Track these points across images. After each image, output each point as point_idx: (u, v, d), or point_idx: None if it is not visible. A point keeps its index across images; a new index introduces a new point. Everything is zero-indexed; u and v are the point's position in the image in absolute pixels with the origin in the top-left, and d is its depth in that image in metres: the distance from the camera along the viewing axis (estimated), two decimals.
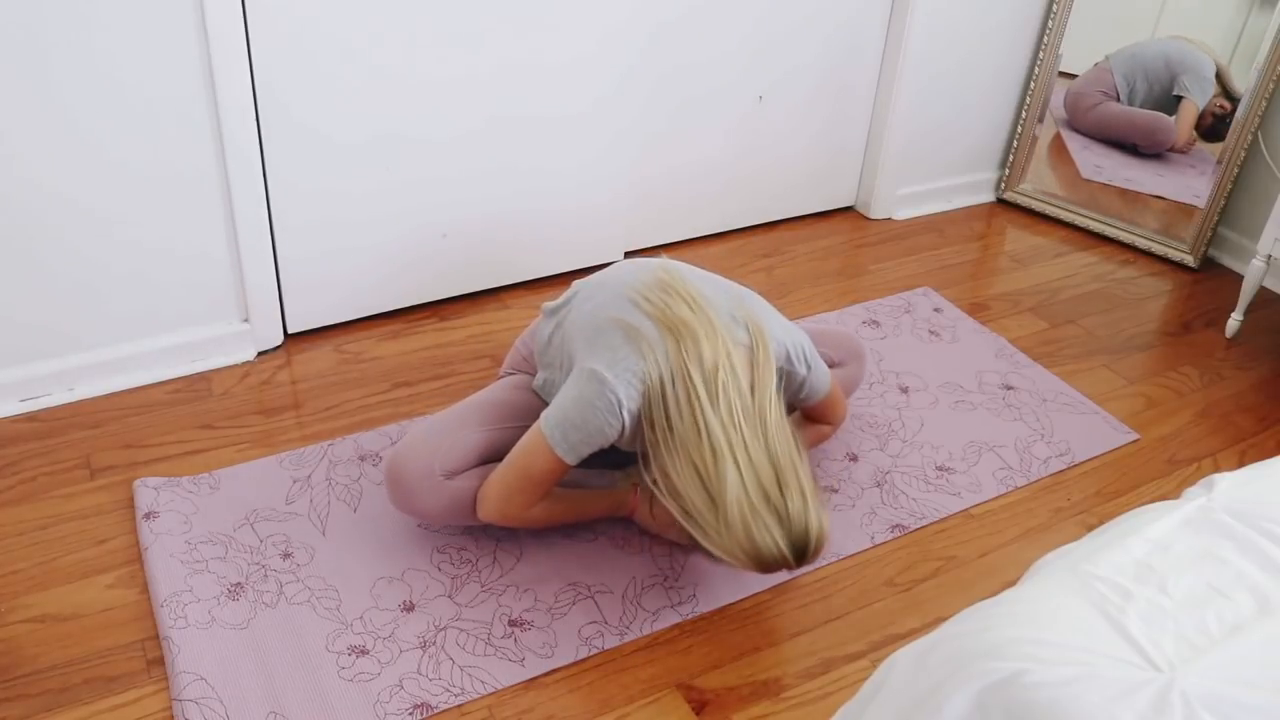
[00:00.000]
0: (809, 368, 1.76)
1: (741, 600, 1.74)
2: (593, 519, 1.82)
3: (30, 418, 2.03)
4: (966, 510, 1.96)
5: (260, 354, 2.24)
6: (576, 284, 1.84)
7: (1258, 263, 2.44)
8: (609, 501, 1.81)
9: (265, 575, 1.71)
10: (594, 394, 1.58)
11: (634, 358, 1.59)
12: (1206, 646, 1.04)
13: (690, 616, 1.70)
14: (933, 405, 2.22)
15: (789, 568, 1.52)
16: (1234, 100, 2.68)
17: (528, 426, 1.71)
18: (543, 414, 1.65)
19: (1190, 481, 1.95)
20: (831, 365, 2.01)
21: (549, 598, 1.71)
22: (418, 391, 2.16)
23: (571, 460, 1.62)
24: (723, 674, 1.61)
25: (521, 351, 1.92)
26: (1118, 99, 2.87)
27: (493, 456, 1.74)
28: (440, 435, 1.72)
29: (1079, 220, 2.97)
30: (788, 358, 1.73)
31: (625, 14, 2.33)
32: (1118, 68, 2.84)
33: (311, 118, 2.09)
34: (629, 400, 1.58)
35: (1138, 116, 2.86)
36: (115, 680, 1.54)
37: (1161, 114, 2.82)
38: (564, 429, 1.60)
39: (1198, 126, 2.78)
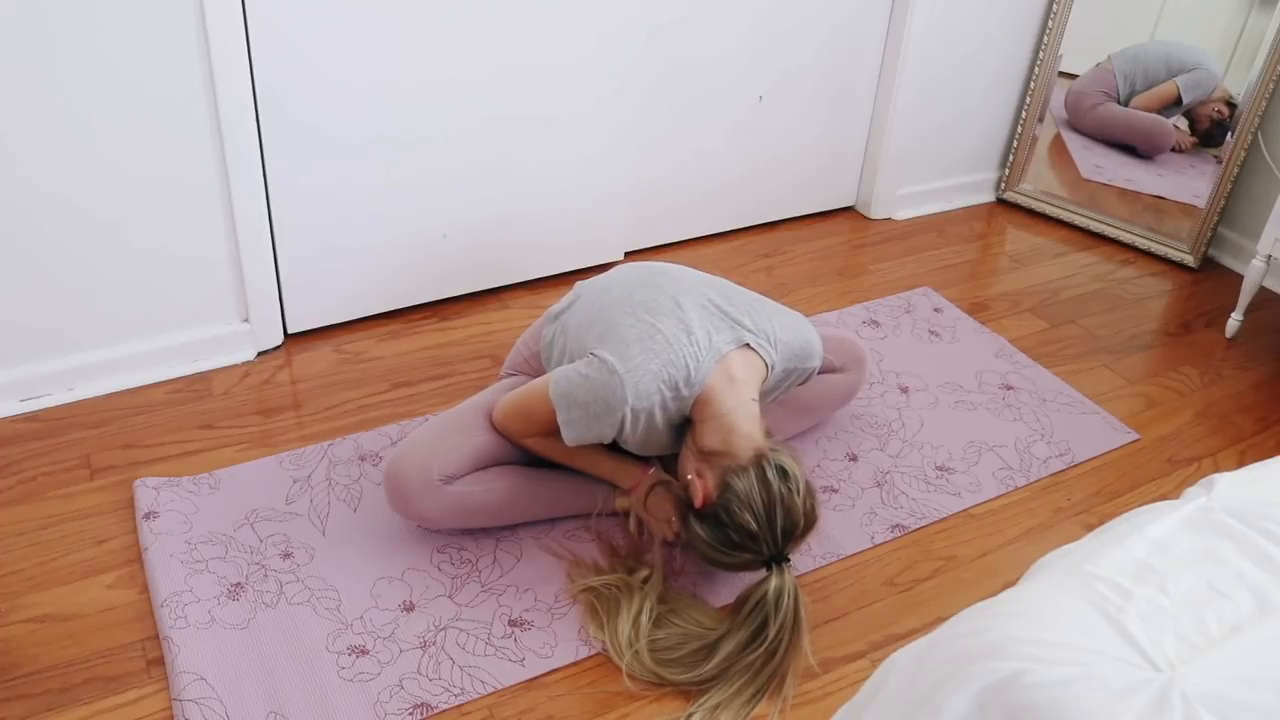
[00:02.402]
0: (819, 357, 1.82)
1: None
2: (589, 472, 1.81)
3: (30, 418, 2.03)
4: (966, 510, 1.96)
5: (260, 354, 2.24)
6: (579, 286, 1.85)
7: (1258, 263, 2.44)
8: (614, 466, 1.79)
9: (265, 575, 1.71)
10: (600, 383, 1.60)
11: (645, 356, 1.60)
12: (1206, 646, 1.04)
13: None
14: (933, 405, 2.22)
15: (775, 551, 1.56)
16: (1233, 106, 2.68)
17: None
18: (555, 372, 1.67)
19: (1190, 481, 1.95)
20: (832, 370, 2.02)
21: (549, 598, 1.71)
22: (418, 391, 2.16)
23: (568, 434, 1.64)
24: None
25: (523, 352, 1.92)
26: (1118, 99, 2.87)
27: (491, 460, 1.75)
28: (438, 440, 1.72)
29: (1079, 220, 2.97)
30: (798, 354, 1.77)
31: (625, 14, 2.33)
32: (1119, 67, 2.84)
33: (311, 118, 2.09)
34: (635, 399, 1.59)
35: (1135, 119, 2.86)
36: (115, 680, 1.54)
37: (1160, 117, 2.82)
38: (568, 401, 1.63)
39: (1195, 130, 2.78)
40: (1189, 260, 2.81)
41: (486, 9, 2.15)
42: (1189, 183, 2.81)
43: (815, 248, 2.80)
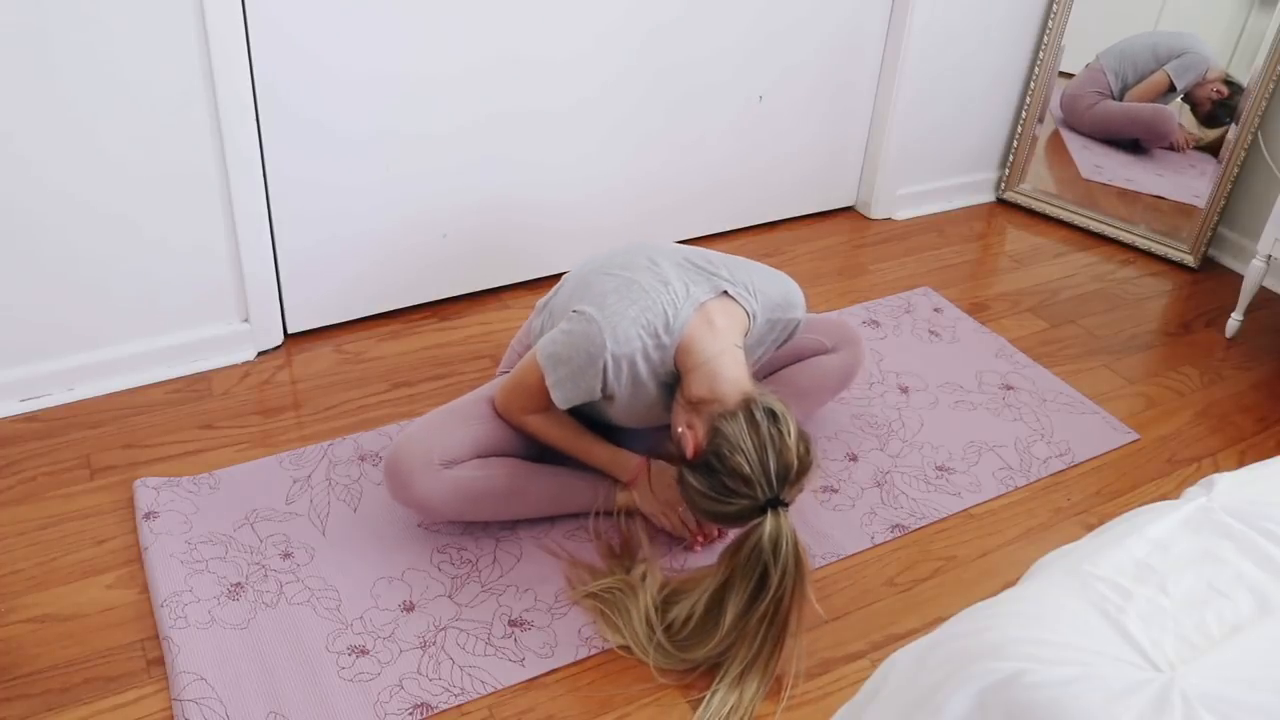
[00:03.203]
0: (802, 308, 1.83)
1: None
2: (588, 462, 1.81)
3: (30, 418, 2.03)
4: (966, 510, 1.96)
5: (260, 354, 2.24)
6: (564, 277, 1.87)
7: (1258, 263, 2.44)
8: (610, 455, 1.80)
9: (265, 575, 1.71)
10: (580, 333, 1.62)
11: (623, 304, 1.62)
12: (1206, 646, 1.04)
13: None
14: (933, 405, 2.22)
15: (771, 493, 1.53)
16: (1232, 85, 2.67)
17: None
18: (541, 339, 1.70)
19: (1190, 481, 1.95)
20: (825, 352, 2.01)
21: (549, 598, 1.71)
22: (418, 391, 2.16)
23: (557, 396, 1.66)
24: None
25: (517, 349, 1.93)
26: (1112, 96, 2.87)
27: (492, 450, 1.75)
28: (440, 427, 1.73)
29: (1079, 220, 2.97)
30: (779, 304, 1.78)
31: (624, 12, 2.33)
32: (1108, 65, 2.84)
33: (312, 119, 2.09)
34: (615, 344, 1.60)
35: (1135, 110, 2.85)
36: (115, 680, 1.54)
37: (1160, 105, 2.82)
38: (553, 361, 1.65)
39: (1196, 114, 2.78)
40: (1189, 260, 2.81)
41: (486, 6, 2.15)
42: (1189, 183, 2.81)
43: (815, 248, 2.80)
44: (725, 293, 1.69)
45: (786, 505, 1.53)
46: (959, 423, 2.17)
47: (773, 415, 1.53)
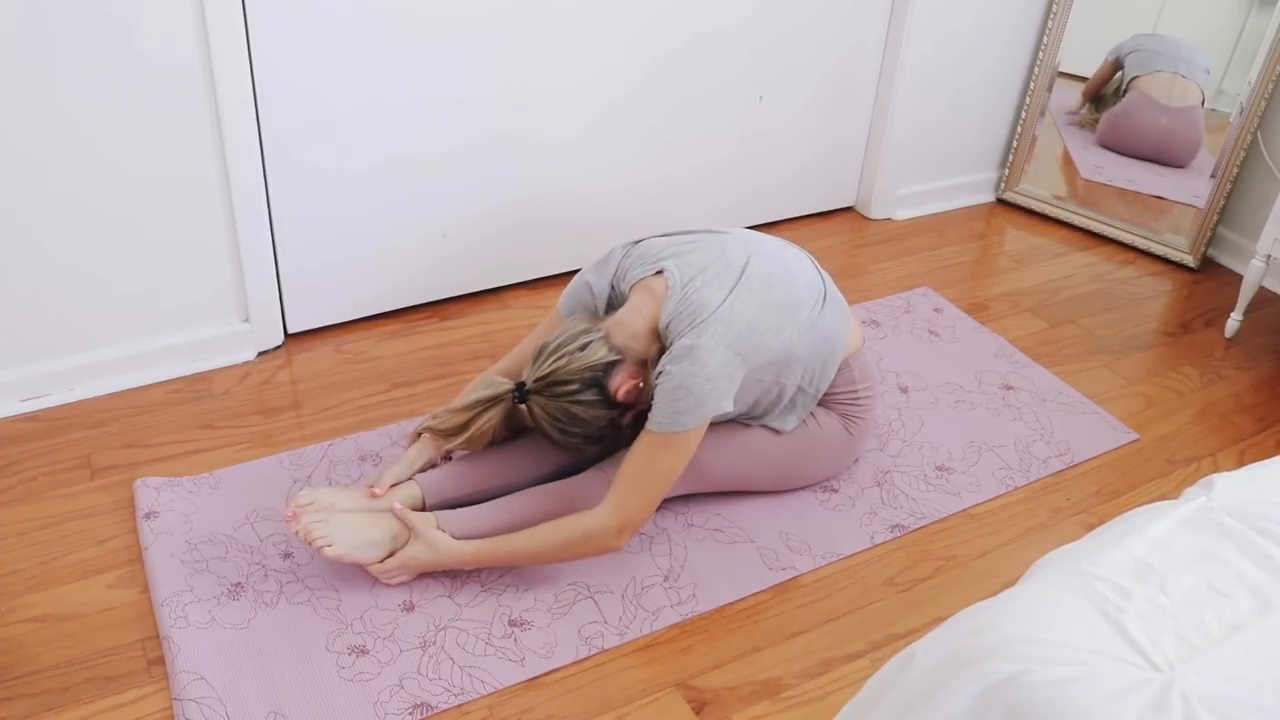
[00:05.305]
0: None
1: (741, 600, 1.74)
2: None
3: (31, 417, 2.03)
4: (966, 510, 1.96)
5: (260, 354, 2.25)
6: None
7: (1257, 263, 2.44)
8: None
9: (265, 575, 1.71)
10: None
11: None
12: (1206, 646, 1.04)
13: (690, 616, 1.70)
14: (933, 405, 2.22)
15: None
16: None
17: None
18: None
19: (1190, 481, 1.95)
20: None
21: (549, 598, 1.71)
22: (418, 391, 2.16)
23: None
24: (722, 674, 1.61)
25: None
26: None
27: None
28: None
29: (1079, 220, 2.97)
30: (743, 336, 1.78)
31: (621, 12, 2.33)
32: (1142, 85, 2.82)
33: (313, 123, 2.09)
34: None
35: (1170, 131, 2.82)
36: (116, 680, 1.55)
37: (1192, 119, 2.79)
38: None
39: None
40: (1189, 260, 2.81)
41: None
42: (1189, 183, 2.81)
43: (815, 248, 2.80)
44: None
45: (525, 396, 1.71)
46: (959, 423, 2.17)
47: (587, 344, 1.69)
